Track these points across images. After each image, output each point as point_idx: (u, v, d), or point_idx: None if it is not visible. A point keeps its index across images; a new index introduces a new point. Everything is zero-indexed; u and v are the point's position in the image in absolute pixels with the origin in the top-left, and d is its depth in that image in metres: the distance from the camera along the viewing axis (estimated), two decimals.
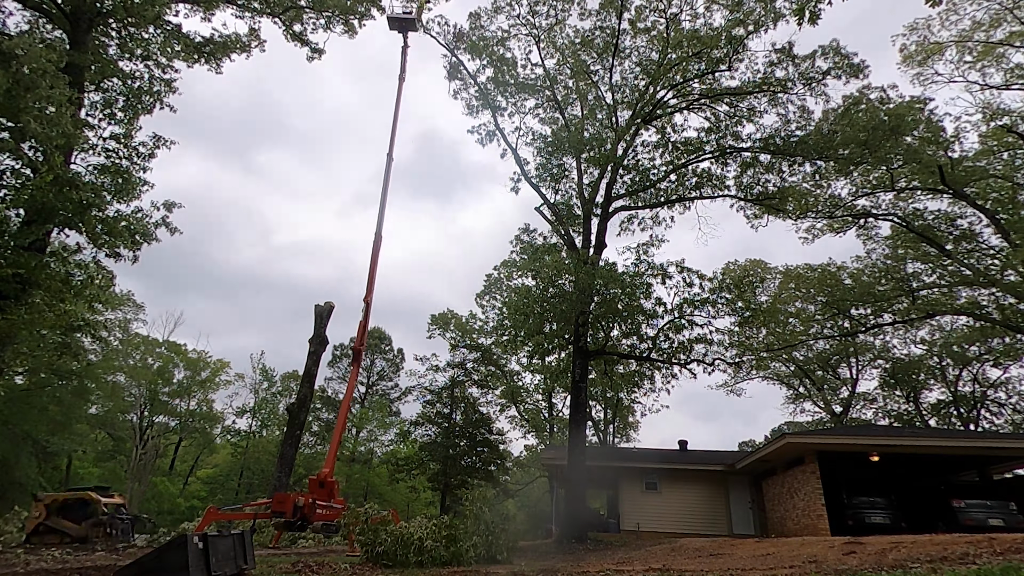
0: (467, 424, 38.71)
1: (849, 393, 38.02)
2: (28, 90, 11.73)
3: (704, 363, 21.10)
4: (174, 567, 6.17)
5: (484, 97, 24.25)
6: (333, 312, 24.87)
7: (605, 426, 42.63)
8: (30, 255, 13.82)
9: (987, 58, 23.81)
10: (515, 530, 11.03)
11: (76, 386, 32.71)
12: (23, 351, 18.92)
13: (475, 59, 24.08)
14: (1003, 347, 30.83)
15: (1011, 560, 5.61)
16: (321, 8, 21.35)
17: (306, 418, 23.02)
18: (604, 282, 19.46)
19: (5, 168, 13.96)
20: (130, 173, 16.17)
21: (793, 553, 8.68)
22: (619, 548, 13.96)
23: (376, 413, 48.61)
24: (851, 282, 30.51)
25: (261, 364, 51.79)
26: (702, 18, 20.92)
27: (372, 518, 10.59)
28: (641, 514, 21.42)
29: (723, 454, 25.81)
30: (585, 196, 22.47)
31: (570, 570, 8.96)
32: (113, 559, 10.37)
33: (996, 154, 24.64)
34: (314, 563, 9.86)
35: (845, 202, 27.72)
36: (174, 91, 18.44)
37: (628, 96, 22.66)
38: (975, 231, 26.28)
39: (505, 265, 28.89)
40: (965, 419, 34.39)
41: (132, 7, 15.89)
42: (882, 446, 17.58)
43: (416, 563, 9.64)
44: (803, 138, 20.75)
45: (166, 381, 45.67)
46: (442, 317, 44.28)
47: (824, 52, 19.83)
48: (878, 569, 6.01)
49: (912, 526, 16.19)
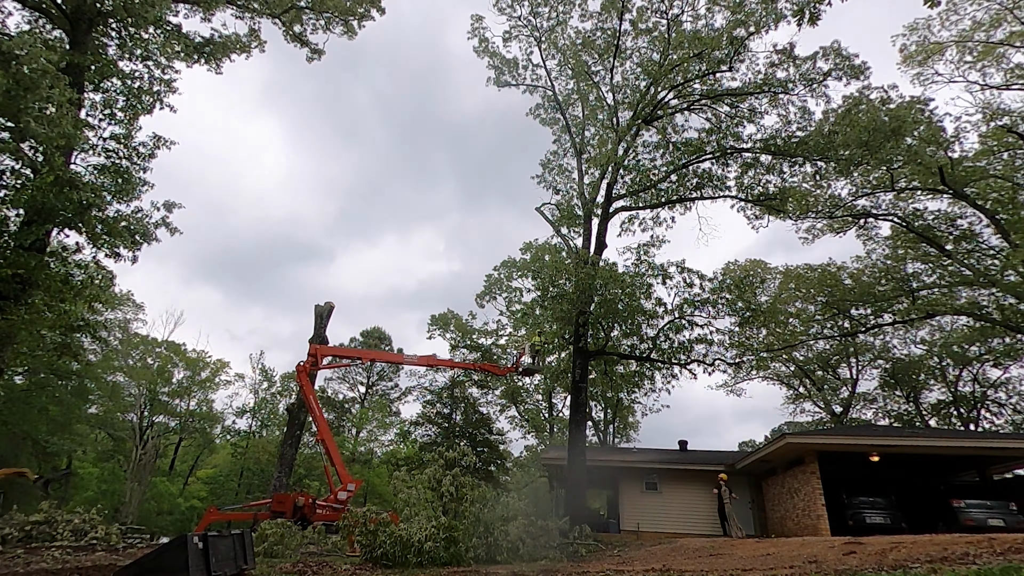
0: (467, 424, 38.72)
1: (849, 393, 38.01)
2: (28, 90, 11.72)
3: (704, 363, 21.14)
4: (174, 567, 6.17)
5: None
6: (333, 312, 24.89)
7: (605, 426, 42.63)
8: (30, 255, 13.82)
9: (987, 58, 23.81)
10: (516, 532, 11.00)
11: (76, 386, 32.71)
12: (23, 351, 18.91)
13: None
14: (1003, 347, 30.82)
15: (1011, 560, 5.61)
16: (321, 9, 21.36)
17: (306, 418, 23.02)
18: (604, 282, 19.49)
19: (5, 168, 13.96)
20: (130, 173, 16.18)
21: (793, 553, 8.68)
22: (619, 548, 13.95)
23: (376, 413, 48.61)
24: (851, 282, 30.50)
25: (261, 364, 51.89)
26: (703, 19, 20.98)
27: (371, 519, 10.58)
28: (641, 514, 21.40)
29: (723, 454, 25.79)
30: (586, 196, 22.49)
31: (570, 570, 8.96)
32: (113, 559, 10.37)
33: (996, 154, 24.63)
34: (314, 563, 9.86)
35: (845, 202, 27.73)
36: (174, 91, 18.44)
37: (629, 97, 22.68)
38: (975, 231, 26.27)
39: (505, 265, 28.88)
40: (965, 419, 34.38)
41: (132, 7, 15.87)
42: (882, 446, 17.58)
43: (416, 564, 9.65)
44: (804, 139, 20.76)
45: (166, 381, 45.65)
46: (442, 317, 44.27)
47: (825, 53, 19.85)
48: (878, 569, 6.01)
49: (912, 526, 16.19)
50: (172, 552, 6.35)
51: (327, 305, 24.71)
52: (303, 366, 19.82)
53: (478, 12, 24.42)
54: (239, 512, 19.61)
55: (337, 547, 13.74)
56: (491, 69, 25.01)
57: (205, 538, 6.59)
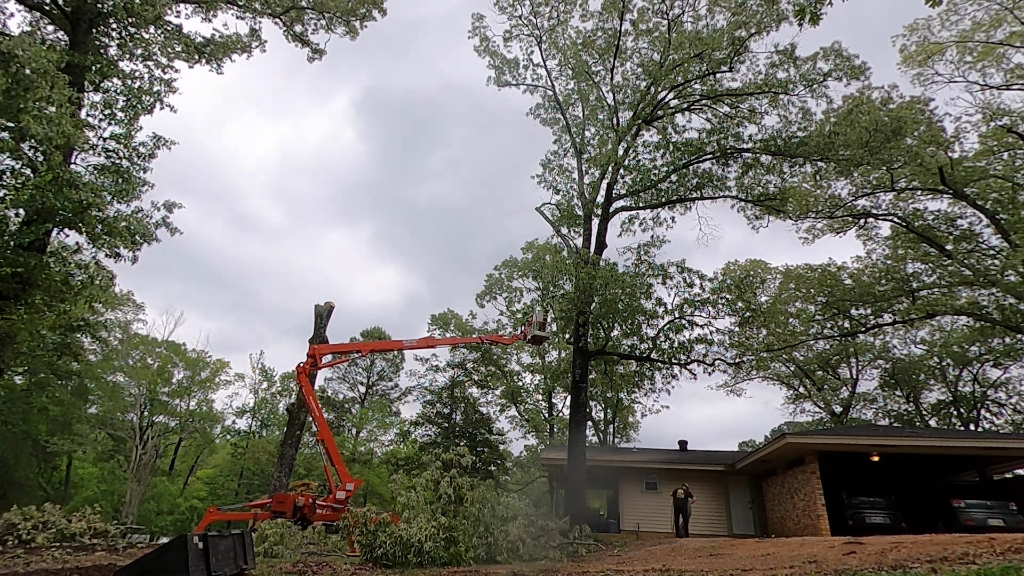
0: (467, 424, 38.70)
1: (849, 393, 38.02)
2: (28, 90, 11.74)
3: (704, 363, 21.14)
4: (174, 567, 6.18)
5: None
6: (333, 312, 24.87)
7: (605, 426, 42.62)
8: (30, 255, 13.83)
9: (987, 58, 23.81)
10: (516, 532, 11.00)
11: (76, 386, 32.74)
12: (23, 351, 18.92)
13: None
14: (1003, 347, 30.82)
15: (1011, 560, 5.61)
16: (322, 9, 21.37)
17: (306, 418, 23.01)
18: (604, 282, 19.48)
19: (5, 168, 13.97)
20: (130, 173, 16.20)
21: (793, 553, 8.68)
22: (619, 548, 13.95)
23: (376, 413, 48.61)
24: (851, 282, 30.51)
25: (260, 364, 51.89)
26: (704, 20, 20.97)
27: (371, 519, 10.59)
28: (641, 514, 21.40)
29: (723, 454, 25.79)
30: (586, 196, 22.48)
31: (570, 570, 8.97)
32: (113, 559, 10.37)
33: (996, 154, 24.64)
34: (314, 563, 9.86)
35: (845, 202, 27.75)
36: (174, 91, 18.45)
37: (629, 97, 22.68)
38: (975, 231, 26.28)
39: (506, 265, 28.89)
40: (965, 419, 34.39)
41: (132, 7, 15.89)
42: (882, 446, 17.58)
43: (416, 564, 9.66)
44: (804, 139, 20.76)
45: (166, 381, 45.68)
46: (442, 317, 44.28)
47: (825, 54, 19.86)
48: (878, 569, 6.01)
49: (912, 526, 16.18)
50: (172, 552, 6.35)
51: (327, 305, 24.68)
52: (303, 367, 19.82)
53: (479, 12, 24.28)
54: (239, 512, 19.60)
55: (337, 547, 13.74)
56: (491, 68, 25.04)
57: (205, 538, 6.60)
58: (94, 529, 14.55)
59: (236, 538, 7.58)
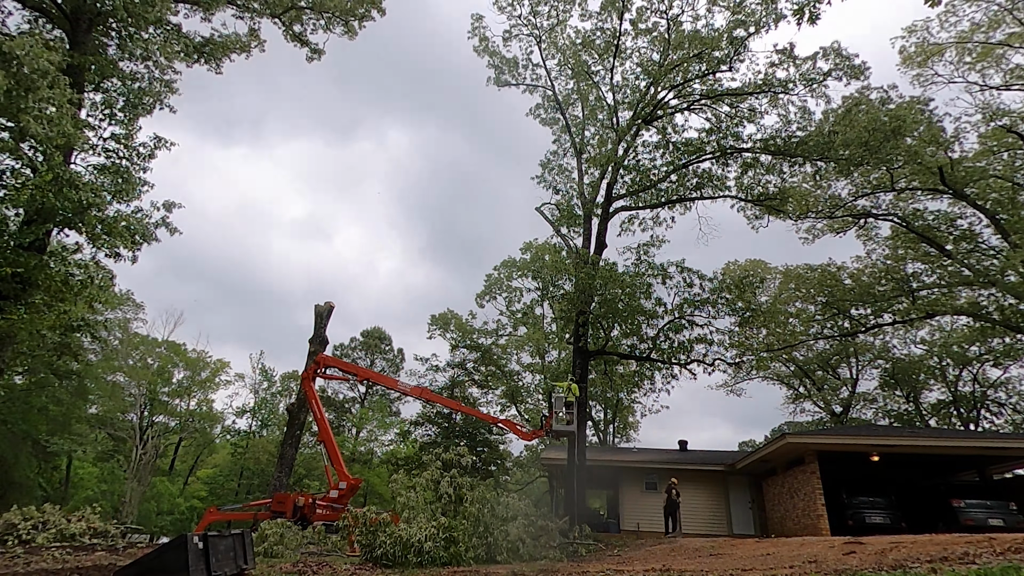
0: (467, 424, 38.67)
1: (849, 393, 38.00)
2: (28, 90, 11.72)
3: (704, 363, 21.15)
4: (174, 567, 6.18)
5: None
6: (333, 312, 24.86)
7: (605, 426, 42.62)
8: (30, 255, 13.83)
9: (986, 59, 23.81)
10: (516, 532, 11.00)
11: (76, 386, 32.69)
12: (23, 351, 18.92)
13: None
14: (1003, 347, 30.81)
15: (1011, 560, 5.61)
16: (321, 9, 21.37)
17: (306, 418, 23.01)
18: (604, 282, 19.48)
19: (5, 168, 13.97)
20: (130, 173, 16.19)
21: (793, 553, 8.68)
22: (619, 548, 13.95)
23: (376, 413, 48.60)
24: (851, 282, 30.49)
25: (260, 364, 51.89)
26: (703, 19, 21.00)
27: (371, 519, 10.59)
28: (641, 514, 21.41)
29: (723, 454, 25.80)
30: (586, 196, 22.49)
31: (570, 570, 8.97)
32: (113, 559, 10.37)
33: (996, 154, 24.64)
34: (314, 563, 9.86)
35: (845, 202, 27.73)
36: (174, 92, 18.46)
37: (629, 96, 22.70)
38: (975, 231, 26.26)
39: (505, 265, 28.89)
40: (965, 419, 34.38)
41: (132, 7, 15.88)
42: (882, 446, 17.58)
43: (416, 564, 9.65)
44: (804, 139, 20.77)
45: (166, 381, 45.68)
46: (442, 317, 44.24)
47: (825, 53, 19.87)
48: (878, 569, 6.01)
49: (912, 526, 16.18)
50: (172, 552, 6.35)
51: (327, 305, 24.66)
52: (308, 373, 19.83)
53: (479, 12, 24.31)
54: (239, 512, 19.60)
55: (337, 547, 13.74)
56: (491, 68, 25.04)
57: (205, 538, 6.60)
58: (94, 529, 14.56)
59: (236, 538, 7.58)
